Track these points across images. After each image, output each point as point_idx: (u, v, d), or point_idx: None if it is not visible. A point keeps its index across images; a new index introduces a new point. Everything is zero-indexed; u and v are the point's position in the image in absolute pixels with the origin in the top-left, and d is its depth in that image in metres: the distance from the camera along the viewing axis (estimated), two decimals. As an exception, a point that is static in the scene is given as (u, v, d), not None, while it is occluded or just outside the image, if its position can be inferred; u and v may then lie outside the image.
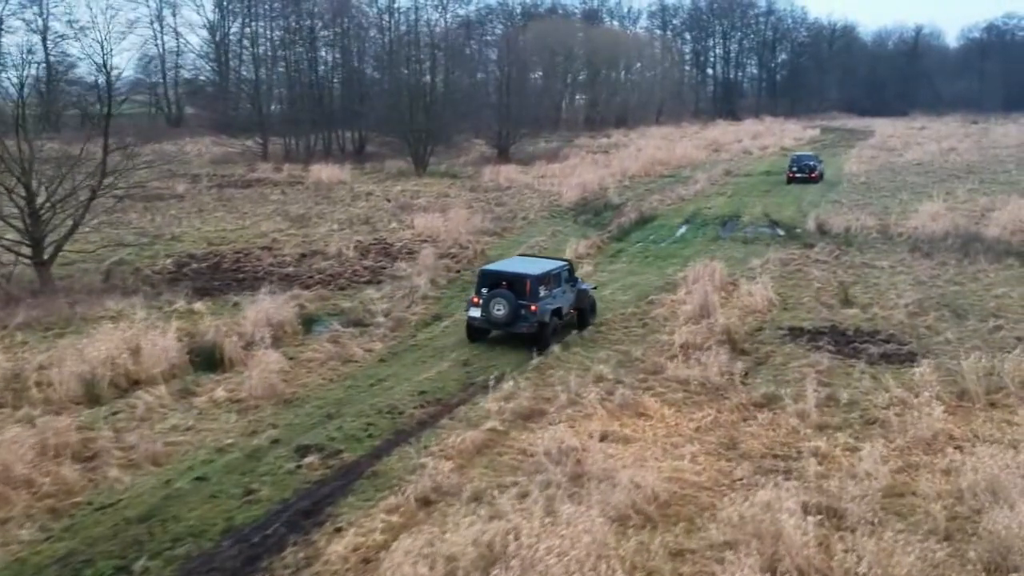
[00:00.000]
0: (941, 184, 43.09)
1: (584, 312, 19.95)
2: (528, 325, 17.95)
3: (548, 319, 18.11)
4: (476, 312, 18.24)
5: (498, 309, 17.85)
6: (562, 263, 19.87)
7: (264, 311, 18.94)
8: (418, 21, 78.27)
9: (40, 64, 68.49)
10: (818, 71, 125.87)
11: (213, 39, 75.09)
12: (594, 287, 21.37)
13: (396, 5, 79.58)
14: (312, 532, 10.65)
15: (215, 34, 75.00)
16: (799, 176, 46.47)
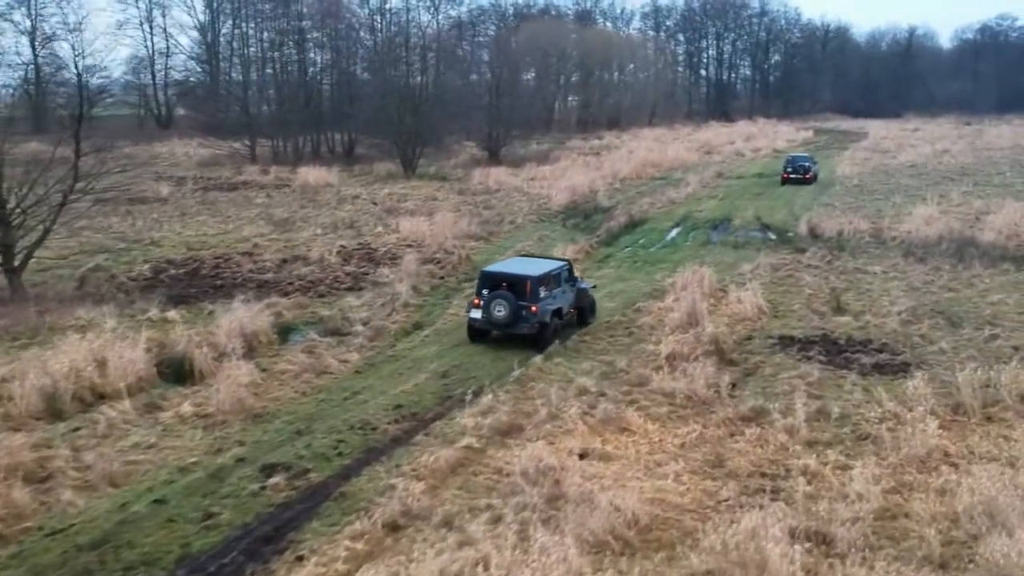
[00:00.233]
0: (935, 187, 42.66)
1: (584, 311, 20.11)
2: (529, 326, 17.98)
3: (549, 320, 18.19)
4: (477, 313, 18.27)
5: (499, 310, 17.86)
6: (562, 263, 19.91)
7: (238, 320, 18.34)
8: (409, 22, 77.83)
9: (29, 66, 68.22)
10: (811, 72, 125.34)
11: (204, 40, 74.49)
12: (593, 286, 21.31)
13: (388, 6, 79.22)
14: (272, 560, 10.10)
15: (206, 35, 74.41)
16: (794, 177, 46.97)
